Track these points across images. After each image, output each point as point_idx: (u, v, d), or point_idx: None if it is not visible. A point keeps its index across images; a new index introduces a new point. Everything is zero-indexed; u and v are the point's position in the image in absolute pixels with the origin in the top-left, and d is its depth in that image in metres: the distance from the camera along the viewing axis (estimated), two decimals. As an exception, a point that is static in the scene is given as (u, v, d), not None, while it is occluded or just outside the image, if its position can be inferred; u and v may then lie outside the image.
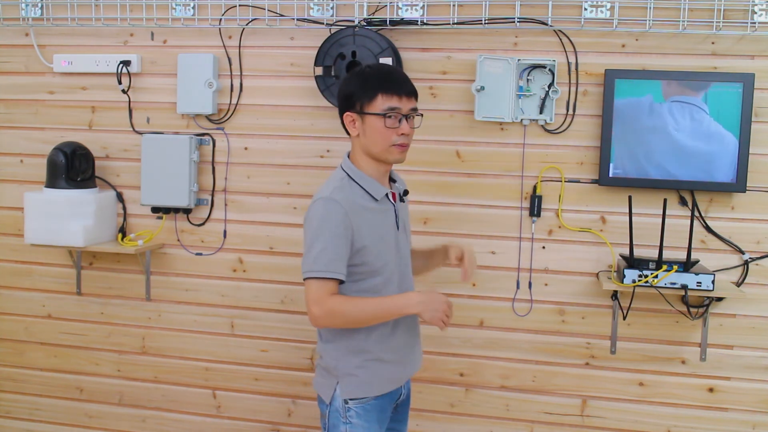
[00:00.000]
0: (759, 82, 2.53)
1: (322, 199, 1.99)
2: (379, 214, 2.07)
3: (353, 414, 2.05)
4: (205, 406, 3.04)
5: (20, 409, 3.21)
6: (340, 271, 1.96)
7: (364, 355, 2.06)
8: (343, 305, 1.96)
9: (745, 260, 2.62)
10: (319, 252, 1.95)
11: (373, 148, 2.04)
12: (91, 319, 3.10)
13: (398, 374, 2.14)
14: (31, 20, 2.98)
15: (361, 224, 2.00)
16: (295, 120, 2.86)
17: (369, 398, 2.06)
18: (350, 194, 2.02)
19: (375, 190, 2.05)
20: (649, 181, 2.60)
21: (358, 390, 2.07)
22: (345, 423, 2.06)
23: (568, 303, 2.75)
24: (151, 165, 2.89)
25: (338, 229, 1.96)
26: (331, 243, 1.95)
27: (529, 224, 2.74)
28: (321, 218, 1.97)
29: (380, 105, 2.00)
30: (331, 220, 1.96)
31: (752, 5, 2.52)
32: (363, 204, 2.03)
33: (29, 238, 2.88)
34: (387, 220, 2.09)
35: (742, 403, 2.68)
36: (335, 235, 1.96)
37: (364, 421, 2.06)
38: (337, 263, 1.95)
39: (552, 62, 2.62)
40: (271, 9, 2.79)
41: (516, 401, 2.81)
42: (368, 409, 2.07)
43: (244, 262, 2.95)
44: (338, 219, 1.96)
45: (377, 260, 2.04)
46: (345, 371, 2.07)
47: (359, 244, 1.99)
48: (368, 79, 2.03)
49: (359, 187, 2.04)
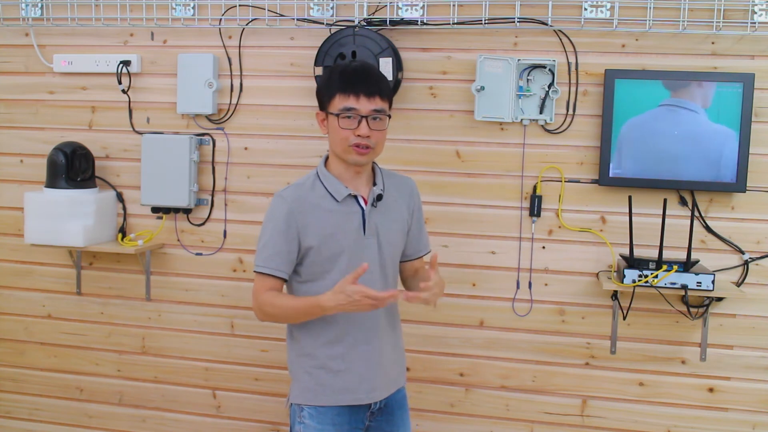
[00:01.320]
0: (759, 82, 2.53)
1: (275, 195, 2.04)
2: (338, 215, 2.01)
3: (306, 415, 2.05)
4: (205, 406, 3.04)
5: (20, 409, 3.21)
6: (278, 267, 1.99)
7: (310, 361, 2.05)
8: (271, 300, 1.98)
9: (745, 260, 2.62)
10: (261, 247, 2.01)
11: (334, 148, 2.02)
12: (91, 319, 3.10)
13: (354, 386, 2.04)
14: (31, 20, 2.98)
15: (309, 223, 1.98)
16: (295, 120, 2.86)
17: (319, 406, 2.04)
18: (305, 192, 2.01)
19: (336, 191, 2.02)
20: (649, 181, 2.60)
21: (301, 396, 2.06)
22: (299, 423, 2.06)
23: (568, 303, 2.75)
24: (151, 165, 2.89)
25: (280, 225, 1.99)
26: (271, 239, 1.99)
27: (529, 224, 2.74)
28: (267, 214, 2.03)
29: (337, 105, 1.97)
30: (274, 217, 2.01)
31: (752, 5, 2.52)
32: (318, 203, 2.00)
33: (29, 238, 2.88)
34: (348, 223, 2.02)
35: (742, 403, 2.68)
36: (277, 231, 1.99)
37: (317, 423, 2.03)
38: (275, 259, 1.99)
39: (552, 62, 2.62)
40: (271, 9, 2.79)
41: (516, 401, 2.81)
42: (322, 412, 2.03)
43: (244, 262, 2.95)
44: (281, 216, 1.99)
45: (326, 262, 2.00)
46: (295, 374, 2.10)
47: (306, 243, 1.98)
48: (331, 78, 2.02)
49: (322, 186, 2.02)
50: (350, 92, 1.96)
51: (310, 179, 2.05)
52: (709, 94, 2.54)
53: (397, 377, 2.16)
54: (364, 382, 2.05)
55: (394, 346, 2.15)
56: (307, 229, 1.99)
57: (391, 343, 2.12)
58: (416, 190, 2.20)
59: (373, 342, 2.06)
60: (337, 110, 1.97)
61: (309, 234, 1.99)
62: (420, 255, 2.22)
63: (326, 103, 2.01)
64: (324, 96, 2.02)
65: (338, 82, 1.98)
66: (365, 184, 2.06)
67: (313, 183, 2.04)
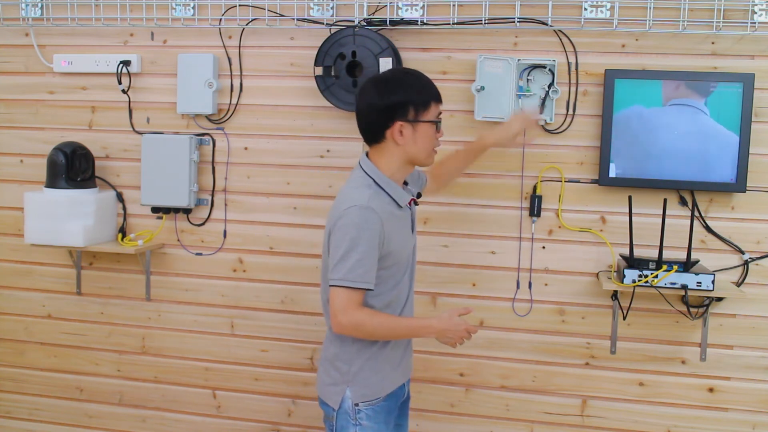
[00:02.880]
0: (759, 82, 2.53)
1: (359, 207, 1.94)
2: (401, 220, 2.07)
3: (363, 416, 2.05)
4: (205, 406, 3.04)
5: (20, 409, 3.21)
6: (372, 281, 1.96)
7: (375, 357, 2.07)
8: (371, 319, 1.97)
9: (745, 260, 2.62)
10: (356, 262, 1.92)
11: (419, 155, 2.05)
12: (91, 319, 3.10)
13: (401, 371, 2.16)
14: (31, 20, 2.98)
15: (391, 231, 2.00)
16: (295, 120, 2.86)
17: (379, 399, 2.07)
18: (382, 202, 2.00)
19: (400, 197, 2.05)
20: (649, 181, 2.60)
21: (370, 392, 2.07)
22: (355, 425, 2.05)
23: (568, 303, 2.75)
24: (151, 165, 2.89)
25: (375, 240, 1.94)
26: (367, 254, 1.93)
27: (529, 224, 2.74)
28: (359, 227, 1.93)
29: (433, 113, 2.03)
30: (369, 229, 1.94)
31: (752, 5, 2.52)
32: (391, 211, 2.02)
33: (29, 238, 2.88)
34: (406, 226, 2.10)
35: (742, 403, 2.68)
36: (372, 246, 1.94)
37: (374, 423, 2.06)
38: (370, 274, 1.95)
39: (552, 62, 2.62)
40: (271, 9, 2.79)
41: (516, 401, 2.81)
42: (378, 410, 2.07)
43: (244, 262, 2.95)
44: (376, 230, 1.94)
45: (398, 266, 2.06)
46: (357, 374, 2.07)
47: (385, 250, 1.99)
48: (423, 86, 2.03)
49: (386, 194, 2.03)
50: (439, 100, 2.05)
51: (372, 187, 2.01)
52: (710, 95, 2.54)
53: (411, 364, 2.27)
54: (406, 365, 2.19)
55: None
56: (390, 237, 1.99)
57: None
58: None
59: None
60: (435, 117, 2.04)
61: (390, 241, 1.99)
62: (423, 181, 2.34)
63: (419, 112, 2.01)
64: (417, 105, 2.00)
65: (430, 91, 2.03)
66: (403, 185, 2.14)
67: (378, 190, 2.02)
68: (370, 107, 2.01)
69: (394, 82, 2.02)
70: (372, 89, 2.03)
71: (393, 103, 1.99)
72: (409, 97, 1.99)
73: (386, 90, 2.00)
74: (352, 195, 1.98)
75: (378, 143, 2.04)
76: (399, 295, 2.09)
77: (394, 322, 2.03)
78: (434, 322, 2.02)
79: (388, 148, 2.03)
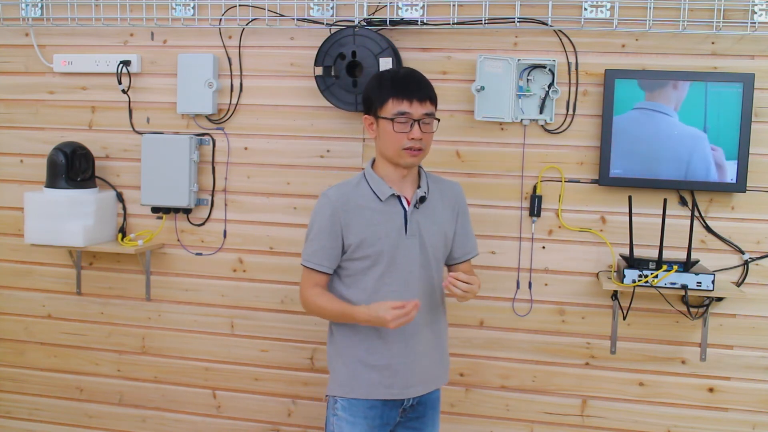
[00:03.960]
0: (759, 82, 2.53)
1: (321, 194, 2.15)
2: (381, 215, 2.10)
3: (339, 407, 2.14)
4: (205, 406, 3.04)
5: (20, 409, 3.21)
6: (321, 263, 2.11)
7: (348, 355, 2.14)
8: (313, 299, 2.12)
9: (745, 260, 2.62)
10: (307, 243, 2.14)
11: (386, 152, 2.09)
12: (91, 319, 3.10)
13: (389, 380, 2.12)
14: (31, 20, 2.98)
15: (352, 221, 2.08)
16: (295, 120, 2.86)
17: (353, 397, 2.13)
18: (349, 191, 2.11)
19: (380, 191, 2.10)
20: (649, 181, 2.60)
21: (339, 388, 2.15)
22: (333, 415, 2.15)
23: (568, 303, 2.75)
24: (151, 165, 2.89)
25: (324, 222, 2.10)
26: (317, 236, 2.11)
27: (529, 224, 2.74)
28: (313, 212, 2.14)
29: (390, 109, 2.05)
30: (320, 214, 2.12)
31: (752, 5, 2.52)
32: (362, 202, 2.10)
33: (29, 238, 2.88)
34: (390, 222, 2.10)
35: (742, 403, 2.68)
36: (321, 229, 2.10)
37: (349, 415, 2.12)
38: (318, 255, 2.11)
39: (552, 62, 2.62)
40: (271, 9, 2.79)
41: (516, 401, 2.81)
42: (355, 405, 2.12)
43: (244, 262, 2.95)
44: (325, 213, 2.10)
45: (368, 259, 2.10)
46: (332, 367, 2.20)
47: (349, 240, 2.08)
48: (382, 83, 2.09)
49: (367, 186, 2.11)
50: (404, 97, 2.05)
51: (356, 179, 2.15)
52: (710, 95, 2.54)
53: (437, 377, 2.23)
54: (399, 378, 2.13)
55: (436, 346, 2.22)
56: (350, 226, 2.09)
57: (431, 341, 2.20)
58: (462, 194, 2.28)
59: (411, 339, 2.13)
60: (390, 114, 2.05)
61: (352, 232, 2.09)
62: (467, 258, 2.29)
63: (377, 107, 2.07)
64: (375, 101, 2.08)
65: (391, 88, 2.06)
66: (410, 186, 2.15)
67: (358, 183, 2.14)
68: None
69: (372, 78, 2.16)
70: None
71: (364, 98, 2.14)
72: (370, 93, 2.11)
73: (366, 85, 2.17)
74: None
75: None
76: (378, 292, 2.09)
77: (328, 305, 2.10)
78: (357, 312, 2.04)
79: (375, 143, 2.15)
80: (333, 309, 2.10)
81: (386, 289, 2.09)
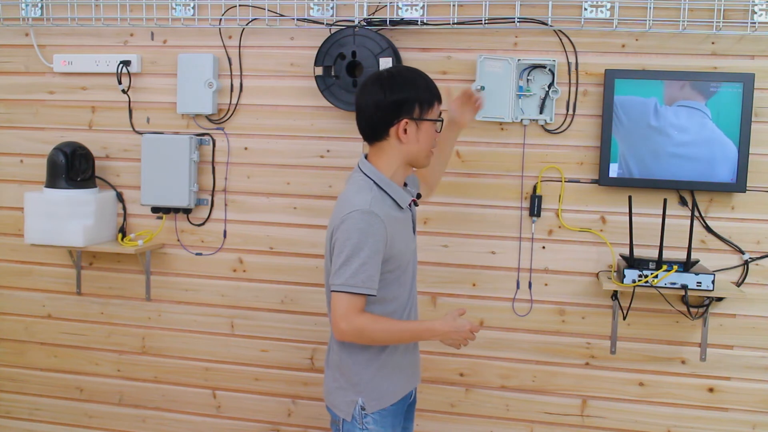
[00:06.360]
0: (759, 82, 2.53)
1: (361, 212, 1.91)
2: (403, 222, 2.05)
3: (370, 421, 2.04)
4: (205, 406, 3.04)
5: (20, 409, 3.21)
6: (375, 287, 1.93)
7: (385, 365, 2.05)
8: (373, 325, 1.94)
9: (745, 260, 2.62)
10: (358, 267, 1.89)
11: (420, 155, 2.04)
12: (91, 319, 3.10)
13: (411, 376, 2.17)
14: (31, 20, 2.98)
15: (394, 234, 1.97)
16: (295, 120, 2.86)
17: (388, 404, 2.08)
18: (384, 205, 1.97)
19: (401, 199, 2.03)
20: (649, 181, 2.60)
21: (381, 400, 2.06)
22: (361, 429, 2.04)
23: (568, 303, 2.75)
24: (151, 165, 2.89)
25: (378, 245, 1.92)
26: (370, 259, 1.90)
27: (529, 224, 2.74)
28: (361, 232, 1.90)
29: (436, 111, 2.03)
30: (372, 234, 1.91)
31: (752, 5, 2.52)
32: (393, 214, 2.00)
33: (29, 238, 2.88)
34: (408, 227, 2.09)
35: (742, 403, 2.68)
36: (375, 251, 1.91)
37: (380, 427, 2.05)
38: (373, 279, 1.92)
39: (552, 62, 2.62)
40: (271, 9, 2.79)
41: (516, 401, 2.81)
42: (384, 414, 2.06)
43: (244, 262, 2.95)
44: (379, 235, 1.92)
45: (401, 269, 2.03)
46: (368, 383, 2.04)
47: (389, 254, 1.96)
48: (427, 85, 2.02)
49: (387, 196, 2.00)
50: (441, 99, 2.05)
51: (373, 189, 1.98)
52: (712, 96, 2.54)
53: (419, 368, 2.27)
54: (416, 368, 2.20)
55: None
56: (393, 241, 1.96)
57: None
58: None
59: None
60: (437, 116, 2.04)
61: (393, 246, 1.97)
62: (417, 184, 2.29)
63: (424, 110, 2.00)
64: (422, 103, 2.00)
65: (434, 90, 2.03)
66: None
67: (379, 193, 1.99)
68: (375, 104, 1.98)
69: (401, 79, 2.00)
70: (376, 86, 2.00)
71: (400, 100, 1.97)
72: (417, 94, 1.99)
73: (394, 87, 1.98)
74: (354, 199, 1.95)
75: (379, 141, 2.02)
76: (402, 298, 2.06)
77: (397, 327, 1.99)
78: (437, 324, 1.99)
79: (390, 147, 2.01)
80: (401, 328, 2.00)
81: (403, 291, 2.06)
